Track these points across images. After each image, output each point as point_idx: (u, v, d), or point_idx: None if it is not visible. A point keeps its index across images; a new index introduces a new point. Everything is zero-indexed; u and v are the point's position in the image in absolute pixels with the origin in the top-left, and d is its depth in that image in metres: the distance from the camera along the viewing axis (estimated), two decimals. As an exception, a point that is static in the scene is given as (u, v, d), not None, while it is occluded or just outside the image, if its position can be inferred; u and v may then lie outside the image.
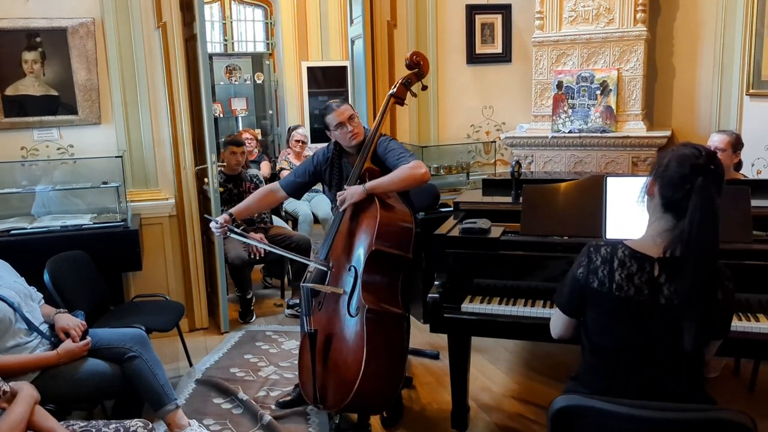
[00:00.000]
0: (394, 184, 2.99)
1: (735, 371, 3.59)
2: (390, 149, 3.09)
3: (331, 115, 3.13)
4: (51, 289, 3.19)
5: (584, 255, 1.93)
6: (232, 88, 8.21)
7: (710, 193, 1.73)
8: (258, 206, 3.45)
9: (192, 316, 4.51)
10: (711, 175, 1.74)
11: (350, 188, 2.99)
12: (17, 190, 4.02)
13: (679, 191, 1.76)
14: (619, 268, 1.83)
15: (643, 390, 1.79)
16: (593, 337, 1.92)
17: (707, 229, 1.72)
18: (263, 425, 3.18)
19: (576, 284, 1.93)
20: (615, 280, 1.82)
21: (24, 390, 2.25)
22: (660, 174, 1.83)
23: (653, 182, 1.86)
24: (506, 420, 3.23)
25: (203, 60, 4.18)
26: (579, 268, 1.92)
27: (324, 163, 3.28)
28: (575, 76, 4.64)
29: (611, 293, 1.83)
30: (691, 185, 1.73)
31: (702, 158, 1.76)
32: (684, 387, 1.83)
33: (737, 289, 2.46)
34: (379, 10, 4.89)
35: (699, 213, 1.72)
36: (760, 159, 4.26)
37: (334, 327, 2.92)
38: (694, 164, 1.75)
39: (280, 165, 6.01)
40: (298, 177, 3.33)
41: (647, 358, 1.82)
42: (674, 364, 1.81)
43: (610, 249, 1.87)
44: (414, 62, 3.24)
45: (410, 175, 2.96)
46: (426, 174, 3.00)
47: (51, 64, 4.00)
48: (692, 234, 1.72)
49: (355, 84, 5.41)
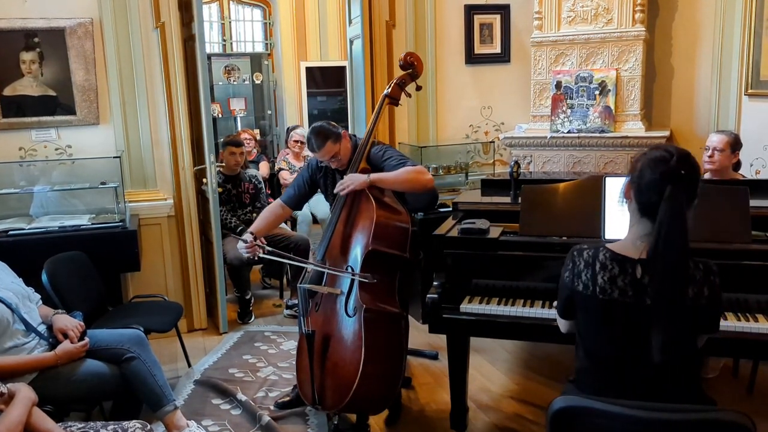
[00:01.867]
0: (399, 182, 2.99)
1: (734, 372, 3.59)
2: (388, 157, 3.09)
3: (313, 154, 3.18)
4: (49, 290, 3.19)
5: (569, 259, 1.94)
6: (230, 89, 8.20)
7: (679, 201, 1.73)
8: (274, 223, 3.43)
9: (190, 316, 4.51)
10: (682, 181, 1.75)
11: (353, 175, 2.98)
12: (15, 190, 4.02)
13: (653, 196, 1.77)
14: (601, 270, 1.84)
15: (637, 391, 1.78)
16: (585, 341, 1.93)
17: (675, 237, 1.73)
18: (262, 426, 3.18)
19: (564, 287, 1.95)
20: (598, 283, 1.84)
21: (22, 391, 2.25)
22: (635, 179, 1.85)
23: (629, 186, 1.88)
24: (505, 420, 3.23)
25: (202, 60, 4.17)
26: (566, 272, 1.94)
27: (318, 171, 3.29)
28: (574, 77, 4.64)
29: (596, 296, 1.84)
30: (662, 192, 1.74)
31: (673, 161, 1.76)
32: (679, 387, 1.83)
33: (736, 290, 2.50)
34: (378, 11, 4.89)
35: (666, 221, 1.73)
36: (758, 159, 4.26)
37: (331, 327, 2.91)
38: (664, 171, 1.76)
39: (279, 165, 6.00)
40: (298, 189, 3.34)
41: (638, 359, 1.82)
42: (666, 364, 1.81)
43: (592, 252, 1.89)
44: (408, 63, 3.24)
45: (415, 177, 2.96)
46: (431, 180, 3.01)
47: (49, 65, 4.00)
48: (659, 241, 1.74)
49: (353, 84, 5.41)
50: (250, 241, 3.09)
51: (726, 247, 2.54)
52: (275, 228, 3.74)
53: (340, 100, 7.90)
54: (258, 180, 5.12)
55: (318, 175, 3.30)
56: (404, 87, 3.27)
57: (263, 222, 3.30)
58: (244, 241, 3.10)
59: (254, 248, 3.09)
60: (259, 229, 3.24)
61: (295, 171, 5.90)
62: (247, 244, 3.09)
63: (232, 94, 8.22)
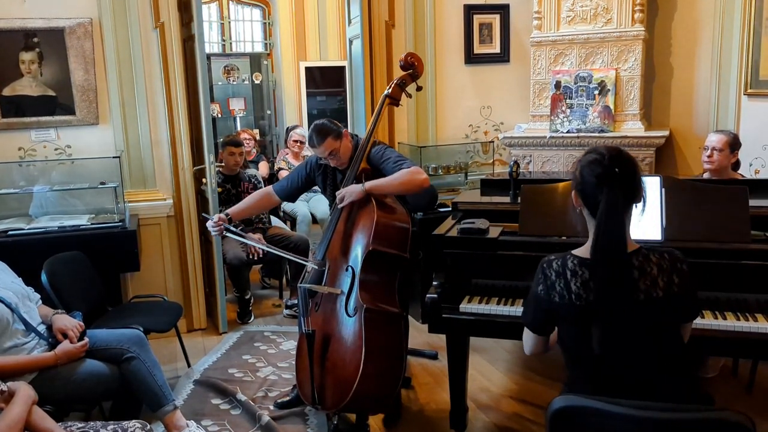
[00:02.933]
0: (394, 187, 2.99)
1: (733, 371, 3.59)
2: (386, 158, 3.09)
3: (313, 150, 3.19)
4: (48, 290, 3.19)
5: (540, 272, 1.95)
6: (230, 88, 8.20)
7: (615, 198, 1.80)
8: (254, 208, 3.54)
9: (190, 316, 4.51)
10: (616, 180, 1.80)
11: (349, 186, 3.00)
12: (15, 190, 4.02)
13: (597, 197, 1.83)
14: (573, 277, 1.86)
15: (632, 390, 1.78)
16: (571, 350, 1.94)
17: (612, 231, 1.79)
18: (262, 426, 3.18)
19: (539, 302, 1.95)
20: (573, 291, 1.85)
21: (21, 390, 2.25)
22: (578, 187, 1.90)
23: (576, 195, 1.93)
24: (505, 420, 3.23)
25: (201, 60, 4.17)
26: (538, 286, 1.94)
27: (317, 169, 3.29)
28: (573, 76, 4.64)
29: (573, 303, 1.85)
30: (601, 190, 1.80)
31: (606, 161, 1.82)
32: (674, 383, 1.83)
33: (736, 289, 2.50)
34: (377, 11, 4.88)
35: (604, 219, 1.80)
36: (758, 158, 4.26)
37: (331, 327, 2.91)
38: (600, 174, 1.82)
39: (279, 165, 6.00)
40: (292, 182, 3.36)
41: (627, 359, 1.83)
42: (653, 359, 1.83)
43: (560, 261, 1.91)
44: (409, 63, 3.24)
45: (410, 179, 2.96)
46: (426, 180, 3.00)
47: (48, 65, 4.00)
48: (599, 237, 1.80)
49: (353, 84, 5.41)
50: (216, 220, 3.16)
51: (725, 246, 2.54)
52: (255, 212, 3.78)
53: (340, 100, 7.91)
54: (257, 180, 5.12)
55: (317, 173, 3.30)
56: (405, 87, 3.28)
57: (244, 205, 3.40)
58: (212, 219, 3.17)
59: (220, 227, 3.15)
60: (237, 211, 3.32)
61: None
62: (215, 222, 3.15)
63: (231, 94, 8.23)
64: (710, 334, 2.43)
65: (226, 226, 3.16)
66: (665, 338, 1.85)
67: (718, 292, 2.53)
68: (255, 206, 3.47)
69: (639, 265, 1.82)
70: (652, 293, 1.80)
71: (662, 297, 1.80)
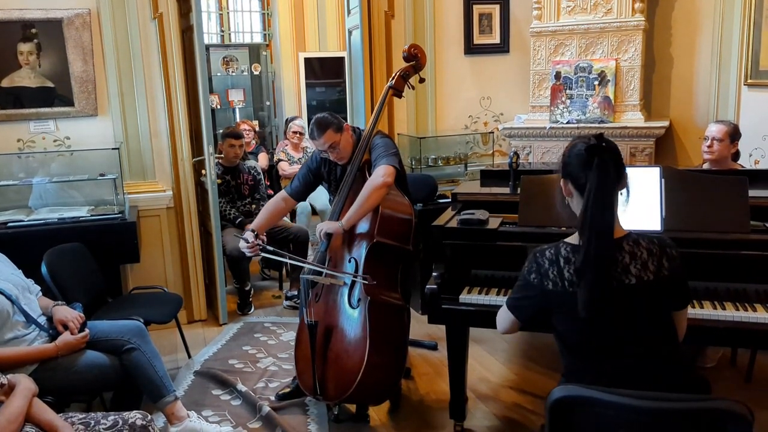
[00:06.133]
0: (364, 209, 2.91)
1: (732, 361, 3.60)
2: (375, 145, 3.09)
3: (313, 142, 3.17)
4: (48, 282, 3.19)
5: (532, 262, 1.95)
6: (229, 80, 8.18)
7: (607, 168, 1.81)
8: (275, 216, 3.40)
9: (190, 307, 4.51)
10: (606, 151, 1.83)
11: (326, 223, 2.96)
12: (14, 182, 4.01)
13: (586, 177, 1.84)
14: (566, 265, 1.87)
15: (626, 379, 1.78)
16: (567, 340, 1.94)
17: (603, 200, 1.80)
18: (262, 416, 3.19)
19: (530, 288, 1.95)
20: (565, 278, 1.86)
21: (22, 383, 2.25)
22: (567, 172, 1.91)
23: (565, 182, 1.93)
24: (504, 410, 3.25)
25: (200, 51, 4.16)
26: (531, 275, 1.95)
27: (323, 162, 3.29)
28: (573, 67, 4.63)
29: (566, 290, 1.86)
30: (591, 164, 1.81)
31: (591, 140, 1.85)
32: (667, 369, 1.84)
33: (735, 279, 2.50)
34: (377, 1, 4.86)
35: (594, 187, 1.80)
36: (757, 149, 4.26)
37: (334, 318, 2.92)
38: (588, 146, 1.84)
39: (278, 156, 6.00)
40: (303, 181, 3.34)
41: (621, 345, 1.83)
42: (647, 346, 1.84)
43: (553, 250, 1.92)
44: (412, 54, 3.24)
45: (375, 194, 2.89)
46: (386, 184, 2.91)
47: (47, 56, 3.98)
48: (588, 205, 1.81)
49: (352, 75, 5.39)
50: (251, 241, 3.09)
51: (725, 237, 2.54)
52: (277, 221, 3.74)
53: (339, 91, 7.89)
54: (257, 171, 5.11)
55: (322, 166, 3.29)
56: (408, 79, 3.28)
57: (265, 217, 3.30)
58: (246, 240, 3.10)
59: (255, 248, 3.10)
60: (261, 225, 3.24)
61: (294, 162, 5.89)
62: (249, 244, 3.09)
63: (230, 85, 8.21)
64: (709, 325, 2.43)
65: (261, 246, 3.10)
66: (658, 324, 1.85)
67: (718, 282, 2.54)
68: (275, 214, 3.37)
69: (629, 249, 1.84)
70: (642, 277, 1.81)
71: (653, 280, 1.81)
